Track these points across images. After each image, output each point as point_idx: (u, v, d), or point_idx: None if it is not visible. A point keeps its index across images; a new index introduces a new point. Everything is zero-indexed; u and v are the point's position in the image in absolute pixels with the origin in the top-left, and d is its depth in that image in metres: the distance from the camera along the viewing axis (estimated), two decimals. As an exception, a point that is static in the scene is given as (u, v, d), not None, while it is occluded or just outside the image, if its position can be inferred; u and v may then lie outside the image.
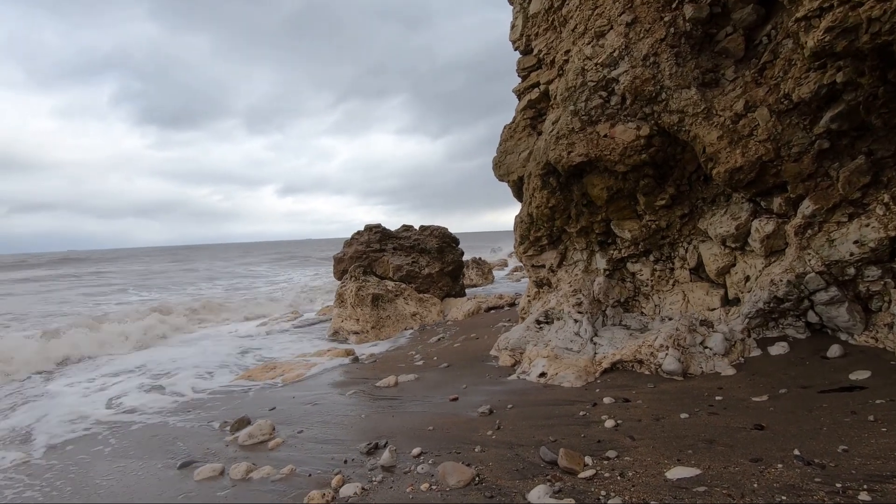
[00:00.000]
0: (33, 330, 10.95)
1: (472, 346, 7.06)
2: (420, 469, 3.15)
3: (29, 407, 6.13)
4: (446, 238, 12.58)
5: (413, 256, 11.73)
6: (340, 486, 3.07)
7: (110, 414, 5.70)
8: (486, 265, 18.25)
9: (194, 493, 3.33)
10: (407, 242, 12.15)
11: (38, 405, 6.15)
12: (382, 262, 11.35)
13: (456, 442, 3.56)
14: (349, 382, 6.06)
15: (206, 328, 10.90)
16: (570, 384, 4.63)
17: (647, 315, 5.54)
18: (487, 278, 17.40)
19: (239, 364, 7.75)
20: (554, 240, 6.38)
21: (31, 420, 5.60)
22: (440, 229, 12.83)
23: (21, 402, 6.38)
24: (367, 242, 11.81)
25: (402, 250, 11.92)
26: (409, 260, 11.56)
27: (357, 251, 11.51)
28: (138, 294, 19.02)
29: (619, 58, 4.74)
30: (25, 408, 6.12)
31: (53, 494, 3.65)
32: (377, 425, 4.28)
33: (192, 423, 5.08)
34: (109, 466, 4.09)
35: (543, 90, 6.42)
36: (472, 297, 11.80)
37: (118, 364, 8.09)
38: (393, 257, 11.49)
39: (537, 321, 5.80)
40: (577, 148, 5.13)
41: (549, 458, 2.98)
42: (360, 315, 9.30)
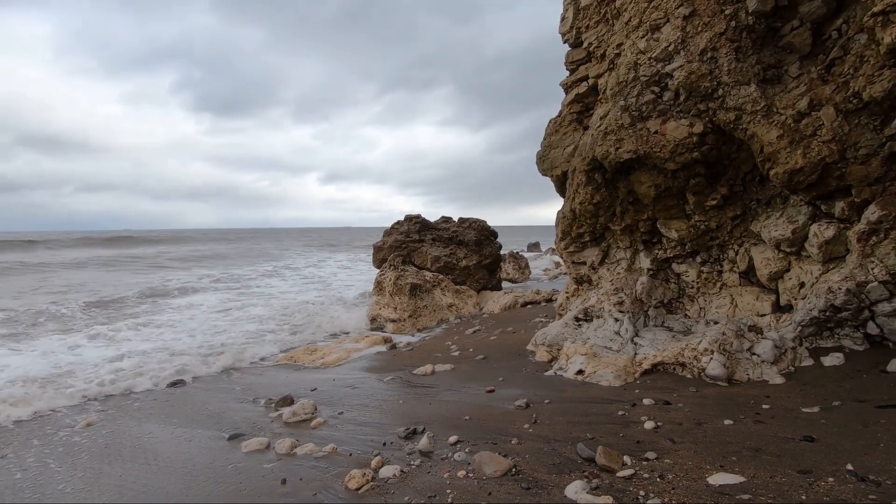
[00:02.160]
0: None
1: (509, 340, 7.08)
2: (457, 456, 3.22)
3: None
4: (485, 231, 12.57)
5: (451, 248, 11.80)
6: (380, 467, 3.17)
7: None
8: (523, 260, 18.13)
9: (242, 463, 3.52)
10: (445, 234, 12.22)
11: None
12: (421, 252, 11.47)
13: (492, 433, 3.61)
14: (386, 369, 6.20)
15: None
16: (608, 383, 4.59)
17: (692, 318, 5.39)
18: (524, 273, 17.29)
19: (283, 341, 8.05)
20: (596, 237, 6.29)
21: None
22: (479, 222, 12.83)
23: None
24: (406, 232, 11.96)
25: (440, 241, 12.00)
26: (448, 251, 11.63)
27: (396, 241, 11.68)
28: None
29: (674, 52, 4.60)
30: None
31: (112, 455, 3.93)
32: (414, 411, 4.38)
33: (239, 398, 5.33)
34: (169, 433, 4.36)
35: (592, 84, 6.30)
36: (509, 291, 11.78)
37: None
38: (431, 248, 11.59)
39: (576, 318, 5.76)
40: (625, 144, 5.03)
41: (587, 454, 2.99)
42: (397, 304, 9.47)
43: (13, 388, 5.54)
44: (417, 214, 12.59)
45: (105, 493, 3.20)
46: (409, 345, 7.95)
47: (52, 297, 13.48)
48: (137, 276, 19.57)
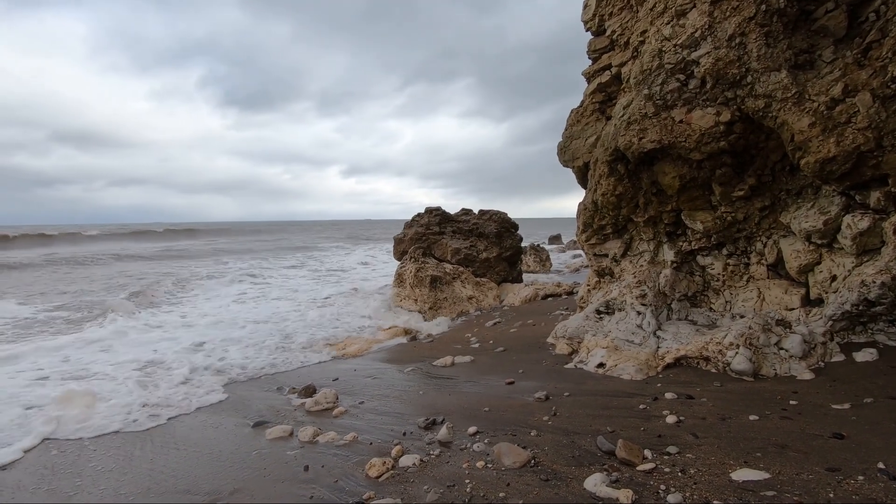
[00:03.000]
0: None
1: (529, 333, 7.06)
2: (476, 447, 3.24)
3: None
4: (505, 223, 12.51)
5: (471, 240, 11.78)
6: (400, 456, 3.22)
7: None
8: (544, 252, 17.98)
9: (266, 450, 3.61)
10: (466, 226, 12.20)
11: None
12: (441, 244, 11.49)
13: (511, 424, 3.61)
14: (407, 360, 6.26)
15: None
16: (629, 376, 4.54)
17: (717, 311, 5.28)
18: (545, 266, 17.16)
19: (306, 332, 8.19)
20: (619, 229, 6.20)
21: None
22: (499, 214, 12.77)
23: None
24: (426, 225, 11.98)
25: (460, 234, 11.99)
26: (468, 244, 11.62)
27: (417, 233, 11.71)
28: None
29: (700, 38, 4.47)
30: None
31: (143, 440, 4.08)
32: (434, 402, 4.42)
33: (263, 387, 5.46)
34: (197, 420, 4.50)
35: (615, 73, 6.18)
36: (530, 283, 11.72)
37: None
38: (451, 240, 11.59)
39: (597, 311, 5.70)
40: (649, 134, 4.93)
41: (607, 447, 2.97)
42: (418, 296, 9.52)
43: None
44: (438, 207, 12.59)
45: (137, 476, 3.33)
46: (430, 336, 8.00)
47: (113, 288, 13.96)
48: (168, 267, 20.11)
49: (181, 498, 2.94)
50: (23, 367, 6.07)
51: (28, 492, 3.22)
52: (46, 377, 5.71)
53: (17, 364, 6.18)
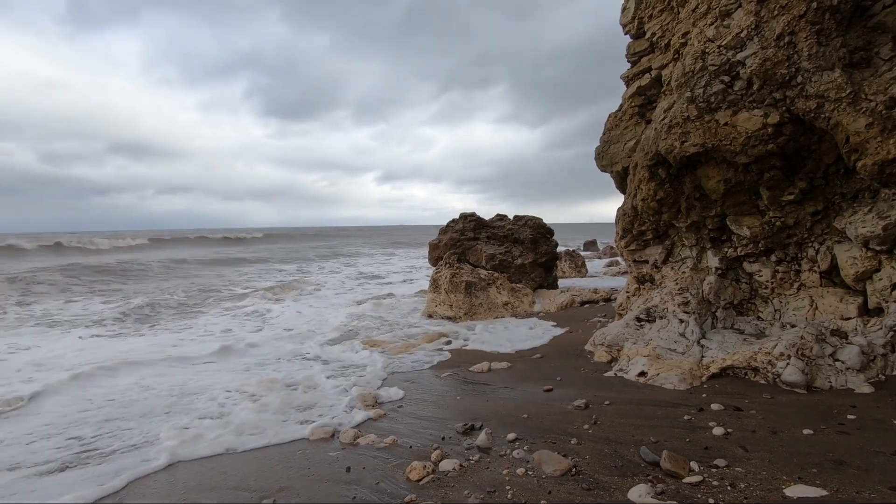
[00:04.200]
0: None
1: (566, 340, 6.97)
2: (516, 454, 3.23)
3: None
4: (540, 229, 12.40)
5: (506, 246, 11.74)
6: (440, 460, 3.24)
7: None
8: (580, 258, 17.72)
9: (309, 450, 3.71)
10: (500, 232, 12.17)
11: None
12: (476, 250, 11.51)
13: (551, 432, 3.58)
14: (443, 365, 6.29)
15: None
16: (672, 386, 4.42)
17: (765, 320, 5.08)
18: (581, 272, 16.90)
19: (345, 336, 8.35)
20: (660, 234, 6.06)
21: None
22: (534, 219, 12.68)
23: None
24: (461, 231, 12.02)
25: (495, 239, 11.97)
26: (503, 249, 11.59)
27: (452, 239, 11.77)
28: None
29: (746, 38, 4.35)
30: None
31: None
32: (471, 407, 4.43)
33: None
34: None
35: (655, 76, 6.07)
36: (566, 289, 11.57)
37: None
38: (486, 246, 11.59)
39: (637, 318, 5.58)
40: (691, 137, 4.81)
41: (651, 458, 2.91)
42: (453, 301, 9.55)
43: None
44: (472, 213, 12.62)
45: (187, 474, 3.48)
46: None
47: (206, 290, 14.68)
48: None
49: (232, 494, 3.06)
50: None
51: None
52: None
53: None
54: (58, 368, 6.13)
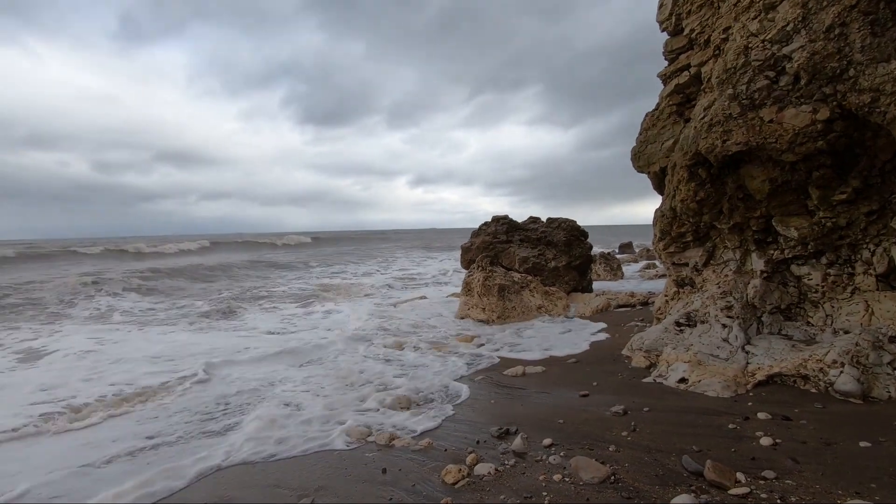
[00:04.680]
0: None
1: (602, 344, 6.84)
2: (552, 460, 3.19)
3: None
4: (574, 231, 12.21)
5: (539, 249, 11.62)
6: (475, 464, 3.24)
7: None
8: (616, 261, 17.33)
9: (346, 451, 3.76)
10: (534, 234, 12.06)
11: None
12: (508, 253, 11.43)
13: (588, 438, 3.52)
14: (477, 368, 6.27)
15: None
16: (715, 393, 4.27)
17: (815, 325, 4.84)
18: (616, 275, 16.53)
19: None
20: (700, 236, 5.87)
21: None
22: (568, 222, 12.49)
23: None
24: (493, 233, 11.97)
25: (528, 242, 11.87)
26: (536, 252, 11.47)
27: (484, 242, 11.73)
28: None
29: (793, 32, 4.17)
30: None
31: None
32: (505, 412, 4.40)
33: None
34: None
35: (694, 73, 5.90)
36: (601, 293, 11.34)
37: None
38: (519, 249, 11.50)
39: (677, 323, 5.42)
40: (734, 135, 4.64)
41: (693, 468, 2.82)
42: (486, 304, 9.52)
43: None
44: (505, 215, 12.55)
45: (229, 472, 3.60)
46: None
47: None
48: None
49: (272, 492, 3.14)
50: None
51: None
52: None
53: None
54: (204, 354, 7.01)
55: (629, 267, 19.80)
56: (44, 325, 9.75)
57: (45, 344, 7.92)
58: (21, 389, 5.55)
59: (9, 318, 10.46)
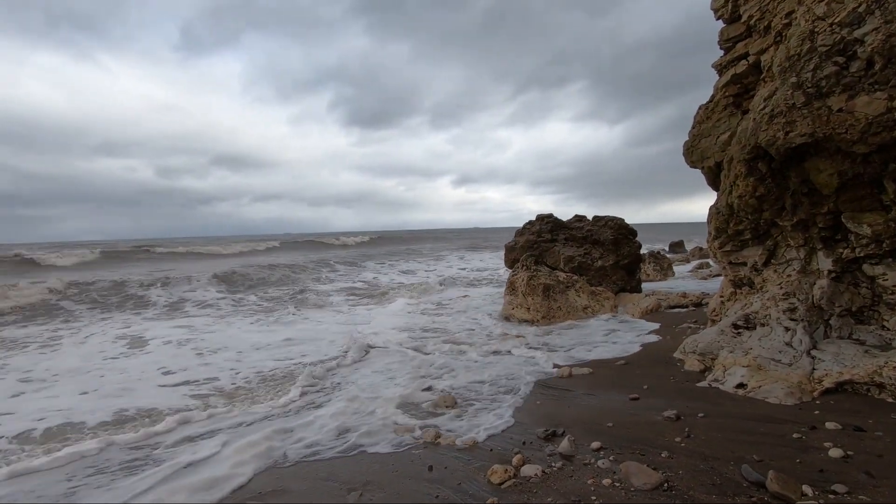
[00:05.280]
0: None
1: (653, 346, 6.61)
2: (601, 464, 3.11)
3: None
4: (622, 229, 11.85)
5: (585, 248, 11.36)
6: (521, 465, 3.21)
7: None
8: (666, 260, 16.70)
9: (394, 447, 3.82)
10: (579, 233, 11.80)
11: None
12: (553, 252, 11.25)
13: (638, 443, 3.41)
14: (521, 367, 6.20)
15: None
16: (777, 400, 4.03)
17: (892, 330, 4.47)
18: (666, 274, 15.92)
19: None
20: (760, 234, 5.55)
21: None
22: (615, 220, 12.14)
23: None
24: (538, 232, 11.82)
25: (573, 241, 11.63)
26: (582, 251, 11.22)
27: (528, 241, 11.60)
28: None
29: (865, 13, 3.87)
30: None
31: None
32: (551, 413, 4.33)
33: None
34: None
35: (753, 62, 5.59)
36: (651, 293, 10.96)
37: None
38: (564, 248, 11.29)
39: (735, 325, 5.15)
40: (798, 126, 4.36)
41: (754, 478, 2.67)
42: (530, 304, 9.40)
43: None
44: (549, 214, 12.36)
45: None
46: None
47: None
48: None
49: (322, 485, 3.23)
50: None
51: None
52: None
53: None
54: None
55: (680, 267, 19.04)
56: (191, 318, 11.02)
57: (199, 333, 9.10)
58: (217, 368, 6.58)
59: (149, 313, 11.73)
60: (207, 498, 3.14)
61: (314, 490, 3.16)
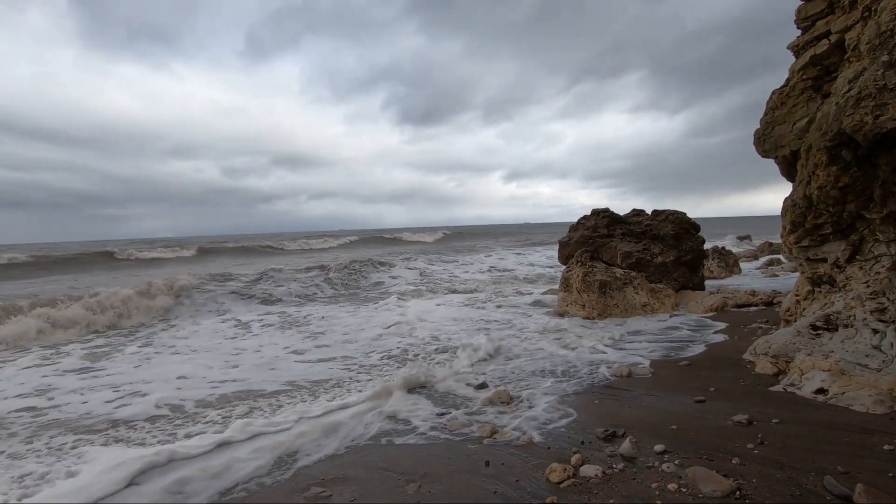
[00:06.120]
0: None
1: (719, 346, 6.27)
2: (666, 468, 3.00)
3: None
4: (684, 224, 11.29)
5: (644, 243, 10.92)
6: (580, 465, 3.14)
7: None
8: (732, 256, 15.74)
9: (449, 441, 3.85)
10: (637, 228, 11.36)
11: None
12: (610, 247, 10.90)
13: (706, 447, 3.25)
14: (579, 366, 6.07)
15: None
16: (864, 408, 3.71)
17: None
18: (733, 271, 15.03)
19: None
20: (842, 228, 5.12)
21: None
22: (677, 214, 11.58)
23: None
24: (593, 227, 11.49)
25: (631, 236, 11.22)
26: (640, 247, 10.80)
27: (583, 236, 11.31)
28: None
29: (974, -20, 3.46)
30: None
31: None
32: (611, 413, 4.22)
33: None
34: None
35: (835, 41, 5.15)
36: (715, 291, 10.39)
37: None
38: (621, 243, 10.92)
39: (813, 326, 4.79)
40: (889, 110, 3.98)
41: (840, 491, 2.48)
42: (585, 301, 9.17)
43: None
44: (605, 208, 11.99)
45: (341, 457, 3.86)
46: (600, 343, 7.62)
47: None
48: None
49: (381, 473, 3.31)
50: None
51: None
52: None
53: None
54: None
55: (748, 263, 17.92)
56: (324, 306, 12.25)
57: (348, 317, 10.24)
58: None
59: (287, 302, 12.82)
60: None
61: (373, 478, 3.25)
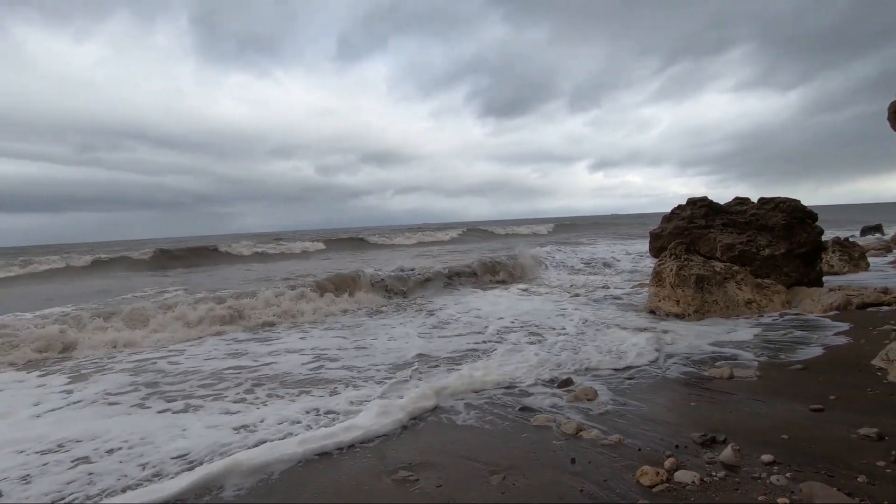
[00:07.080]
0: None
1: (842, 350, 5.58)
2: (774, 480, 2.73)
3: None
4: (797, 213, 10.11)
5: (749, 234, 9.95)
6: (674, 469, 2.97)
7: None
8: (857, 248, 13.84)
9: (533, 435, 3.81)
10: (741, 218, 10.37)
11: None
12: (708, 239, 10.07)
13: (824, 461, 2.92)
14: (671, 366, 5.72)
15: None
16: None
17: None
18: (858, 266, 13.23)
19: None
20: None
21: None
22: (789, 202, 10.39)
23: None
24: (689, 218, 10.67)
25: (733, 227, 10.27)
26: (744, 238, 9.86)
27: (677, 227, 10.55)
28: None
29: None
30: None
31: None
32: (708, 417, 3.93)
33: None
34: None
35: None
36: (836, 287, 9.22)
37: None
38: (722, 235, 10.04)
39: (966, 330, 4.09)
40: None
41: None
42: (680, 296, 8.57)
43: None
44: (703, 196, 11.08)
45: (424, 445, 3.97)
46: (698, 342, 7.11)
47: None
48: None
49: (464, 463, 3.37)
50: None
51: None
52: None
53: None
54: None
55: (878, 258, 15.69)
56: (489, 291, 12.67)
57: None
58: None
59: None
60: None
61: (457, 467, 3.30)
